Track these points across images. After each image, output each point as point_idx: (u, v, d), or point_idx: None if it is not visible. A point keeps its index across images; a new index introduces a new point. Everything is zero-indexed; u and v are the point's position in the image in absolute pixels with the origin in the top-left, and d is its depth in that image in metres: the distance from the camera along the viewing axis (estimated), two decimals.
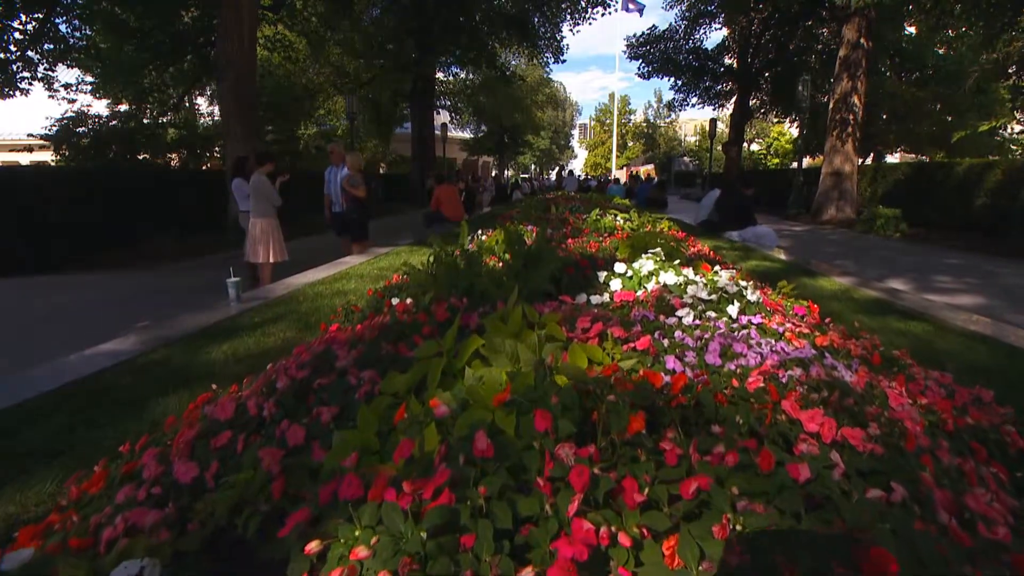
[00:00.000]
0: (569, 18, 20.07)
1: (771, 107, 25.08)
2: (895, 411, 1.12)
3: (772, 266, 5.33)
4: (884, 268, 7.82)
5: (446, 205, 9.42)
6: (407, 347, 1.60)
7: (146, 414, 1.94)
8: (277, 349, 2.74)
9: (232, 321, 3.30)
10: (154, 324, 3.49)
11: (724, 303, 1.73)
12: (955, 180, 11.67)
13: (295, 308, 3.50)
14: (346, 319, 2.76)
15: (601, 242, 3.63)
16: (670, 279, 1.91)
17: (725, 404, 1.04)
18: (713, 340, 1.36)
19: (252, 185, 6.25)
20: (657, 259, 2.17)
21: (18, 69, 13.04)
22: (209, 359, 2.56)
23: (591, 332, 1.40)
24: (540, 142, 46.78)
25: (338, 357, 1.50)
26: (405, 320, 1.77)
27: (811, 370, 1.29)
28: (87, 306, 6.12)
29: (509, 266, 2.10)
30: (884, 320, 3.34)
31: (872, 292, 4.20)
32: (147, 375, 2.35)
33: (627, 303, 1.79)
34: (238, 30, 10.52)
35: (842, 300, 3.86)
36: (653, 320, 1.53)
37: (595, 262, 2.27)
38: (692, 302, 1.70)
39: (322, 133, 21.63)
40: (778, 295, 2.99)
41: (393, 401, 1.15)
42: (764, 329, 1.64)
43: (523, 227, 4.59)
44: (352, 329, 2.29)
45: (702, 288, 1.78)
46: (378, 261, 5.46)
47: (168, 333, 3.04)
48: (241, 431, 1.29)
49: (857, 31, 14.15)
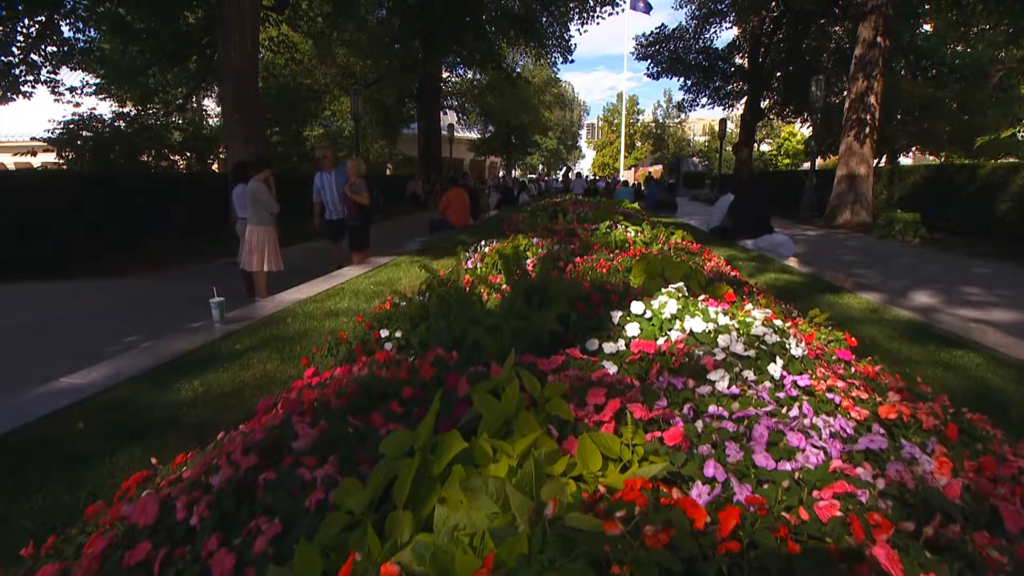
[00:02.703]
0: (577, 18, 19.76)
1: (783, 107, 24.63)
2: (1018, 542, 0.84)
3: (791, 280, 5.02)
4: (907, 278, 7.47)
5: (453, 210, 9.15)
6: (383, 416, 1.33)
7: (87, 477, 1.68)
8: (253, 385, 2.48)
9: (211, 348, 3.05)
10: (126, 352, 3.24)
11: (764, 360, 1.44)
12: (978, 183, 11.26)
13: (281, 332, 3.24)
14: (329, 353, 2.50)
15: (612, 260, 3.35)
16: (697, 325, 1.63)
17: (791, 545, 0.76)
18: (759, 424, 1.09)
19: (249, 192, 6.03)
20: (679, 296, 1.88)
21: (21, 73, 12.94)
22: (176, 400, 2.31)
23: (606, 411, 1.13)
24: (548, 142, 46.49)
25: (296, 435, 1.23)
26: (385, 377, 1.50)
27: (888, 468, 1.01)
28: (73, 319, 5.90)
29: (509, 303, 1.82)
30: (925, 348, 3.03)
31: (904, 312, 3.88)
32: (102, 421, 2.10)
33: (647, 356, 1.52)
34: (240, 31, 10.31)
35: (874, 323, 3.55)
36: (681, 389, 1.25)
37: (608, 297, 1.99)
38: (725, 358, 1.42)
39: (328, 134, 21.43)
40: (810, 325, 2.70)
41: (348, 521, 0.88)
42: (812, 392, 1.36)
43: (528, 240, 4.31)
44: (332, 372, 2.03)
45: (736, 340, 1.50)
46: (376, 274, 5.21)
47: (138, 363, 2.79)
48: (164, 543, 1.02)
49: (873, 29, 13.74)
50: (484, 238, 5.79)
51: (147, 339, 4.97)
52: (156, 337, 4.93)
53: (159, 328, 5.18)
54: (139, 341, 4.97)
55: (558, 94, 48.11)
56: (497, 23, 19.40)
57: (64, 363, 4.11)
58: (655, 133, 55.05)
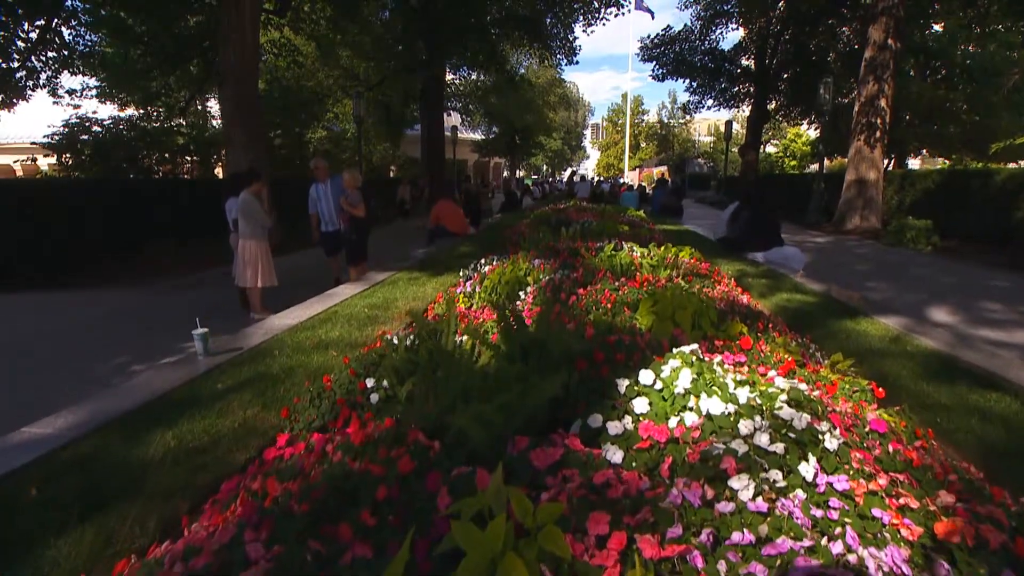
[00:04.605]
0: (582, 19, 19.53)
1: (790, 109, 24.33)
2: None
3: (804, 301, 4.80)
4: (922, 291, 7.24)
5: (448, 221, 8.97)
6: (351, 530, 1.14)
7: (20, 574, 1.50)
8: (230, 438, 2.30)
9: (191, 387, 2.87)
10: (100, 392, 3.08)
11: (793, 455, 1.25)
12: (993, 189, 10.97)
13: (266, 369, 3.06)
14: (311, 404, 2.32)
15: (617, 291, 3.15)
16: (715, 407, 1.43)
17: None
18: (795, 571, 0.89)
19: (240, 206, 5.87)
20: (691, 361, 1.68)
21: (22, 78, 12.85)
22: (143, 458, 2.13)
23: (610, 551, 0.94)
24: (552, 143, 46.21)
25: (247, 560, 1.05)
26: (357, 470, 1.31)
27: None
28: (62, 335, 5.75)
29: (501, 372, 1.63)
30: (954, 390, 2.82)
31: (928, 342, 3.67)
32: (59, 486, 1.92)
33: (657, 445, 1.33)
34: (240, 34, 10.17)
35: (896, 357, 3.34)
36: (699, 507, 1.06)
37: (612, 355, 1.80)
38: (748, 452, 1.23)
39: (331, 136, 21.25)
40: (833, 371, 2.50)
41: None
42: (852, 496, 1.16)
43: (529, 263, 4.12)
44: (308, 440, 1.85)
45: (760, 427, 1.30)
46: (372, 294, 5.02)
47: (111, 407, 2.61)
48: None
49: (884, 31, 13.46)
50: (484, 254, 5.61)
51: (135, 360, 4.83)
52: (145, 359, 4.80)
53: (149, 349, 5.03)
54: (127, 363, 4.83)
55: (562, 95, 47.88)
56: (501, 25, 19.21)
57: (41, 392, 3.96)
58: (660, 134, 54.69)
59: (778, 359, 2.28)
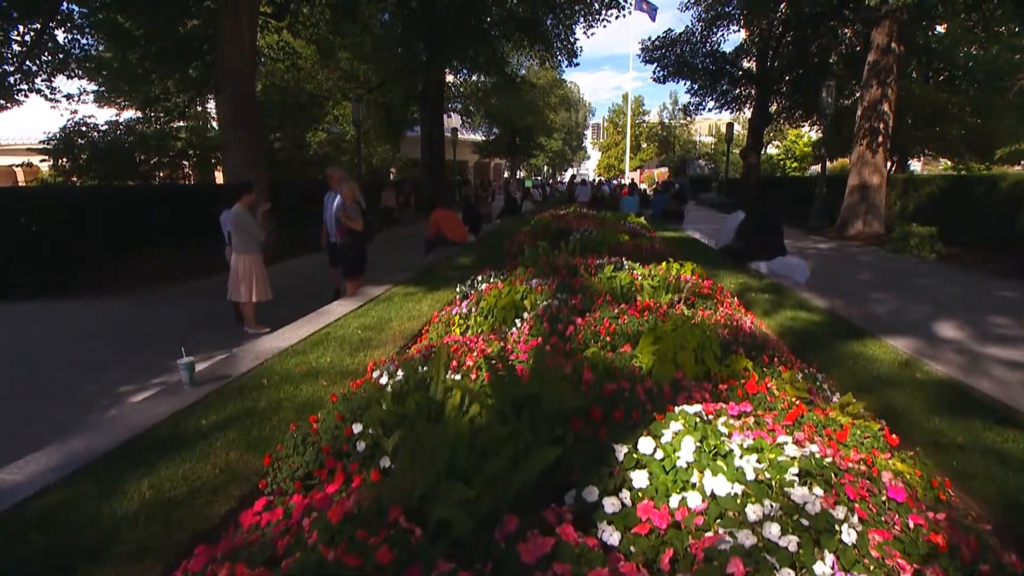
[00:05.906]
0: (583, 20, 19.40)
1: (791, 111, 24.18)
2: None
3: (809, 320, 4.69)
4: (928, 303, 7.13)
5: (447, 229, 8.86)
6: None
7: None
8: (210, 486, 2.19)
9: (175, 423, 2.77)
10: (78, 431, 2.99)
11: (807, 549, 1.14)
12: (999, 196, 10.84)
13: (253, 404, 2.95)
14: (295, 452, 2.21)
15: (617, 319, 3.04)
16: (720, 487, 1.32)
17: None
18: None
19: (232, 219, 5.78)
20: (694, 424, 1.57)
21: (16, 81, 12.74)
22: (116, 513, 2.01)
23: None
24: (553, 144, 46.08)
25: None
26: (330, 563, 1.20)
27: None
28: (53, 351, 5.65)
29: (490, 443, 1.51)
30: (970, 427, 2.70)
31: (938, 368, 3.55)
32: (21, 549, 1.81)
33: (657, 531, 1.21)
34: (237, 39, 10.08)
35: (906, 387, 3.22)
36: None
37: (611, 412, 1.69)
38: (758, 549, 1.12)
39: (331, 139, 21.14)
40: (843, 413, 2.38)
41: None
42: None
43: (527, 285, 4.00)
44: (287, 502, 1.74)
45: (772, 515, 1.19)
46: (366, 313, 4.91)
47: (88, 447, 2.50)
48: None
49: (888, 35, 13.33)
50: (482, 269, 5.49)
51: (126, 379, 4.73)
52: (136, 378, 4.70)
53: (141, 366, 4.94)
54: (118, 381, 4.73)
55: (563, 95, 47.79)
56: (501, 26, 19.09)
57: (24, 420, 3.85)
58: (660, 135, 54.51)
59: (786, 405, 2.16)
